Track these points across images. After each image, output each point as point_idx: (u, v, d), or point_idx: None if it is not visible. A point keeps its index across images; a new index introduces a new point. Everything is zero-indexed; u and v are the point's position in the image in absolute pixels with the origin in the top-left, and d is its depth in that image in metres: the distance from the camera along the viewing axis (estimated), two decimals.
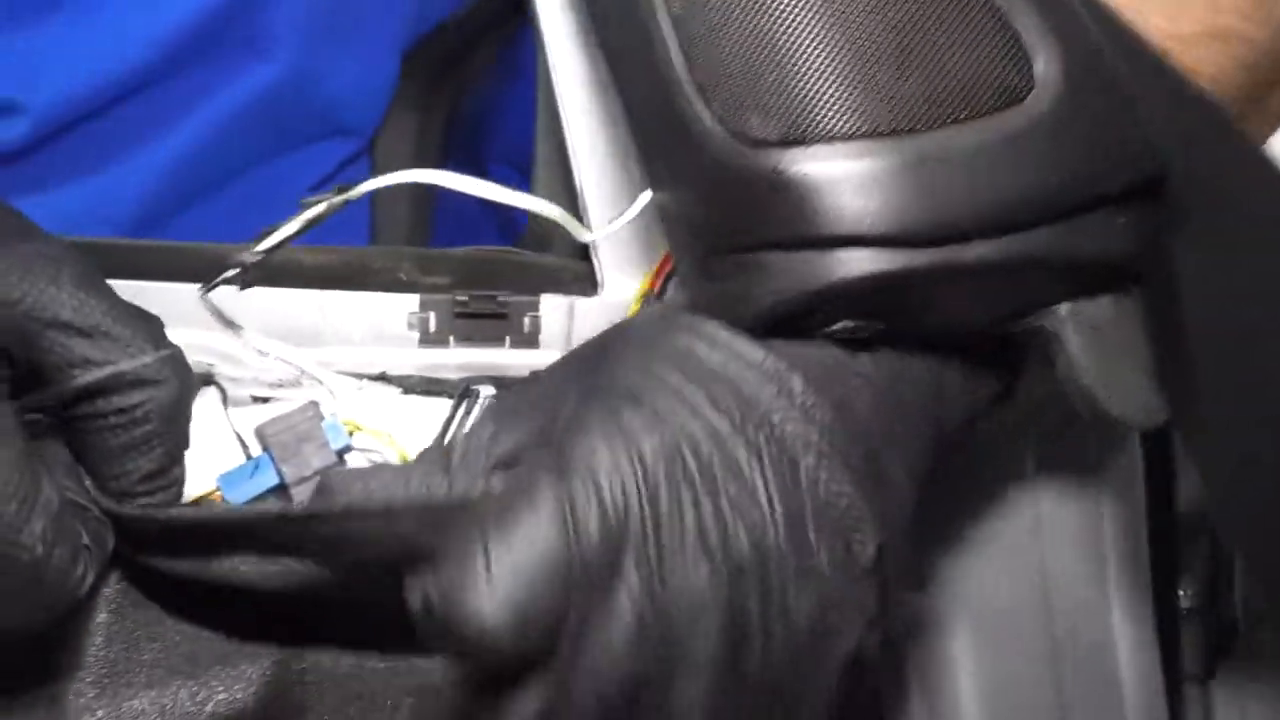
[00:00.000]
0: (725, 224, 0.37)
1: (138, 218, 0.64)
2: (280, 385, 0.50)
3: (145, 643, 0.45)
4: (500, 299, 0.52)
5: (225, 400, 0.48)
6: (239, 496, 0.46)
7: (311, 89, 0.67)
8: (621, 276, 0.53)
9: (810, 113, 0.35)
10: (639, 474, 0.36)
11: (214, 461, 0.47)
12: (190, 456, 0.44)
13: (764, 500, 0.36)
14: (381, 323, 0.52)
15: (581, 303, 0.53)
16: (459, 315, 0.52)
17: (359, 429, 0.48)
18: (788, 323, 0.38)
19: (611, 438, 0.36)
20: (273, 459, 0.46)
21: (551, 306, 0.53)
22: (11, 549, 0.36)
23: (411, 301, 0.52)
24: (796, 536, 0.36)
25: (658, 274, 0.52)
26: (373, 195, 0.46)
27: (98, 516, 0.41)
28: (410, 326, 0.52)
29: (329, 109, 0.69)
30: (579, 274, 0.54)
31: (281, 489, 0.46)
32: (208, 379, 0.48)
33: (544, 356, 0.53)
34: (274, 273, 0.50)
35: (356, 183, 0.45)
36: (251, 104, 0.65)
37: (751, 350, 0.38)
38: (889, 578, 0.38)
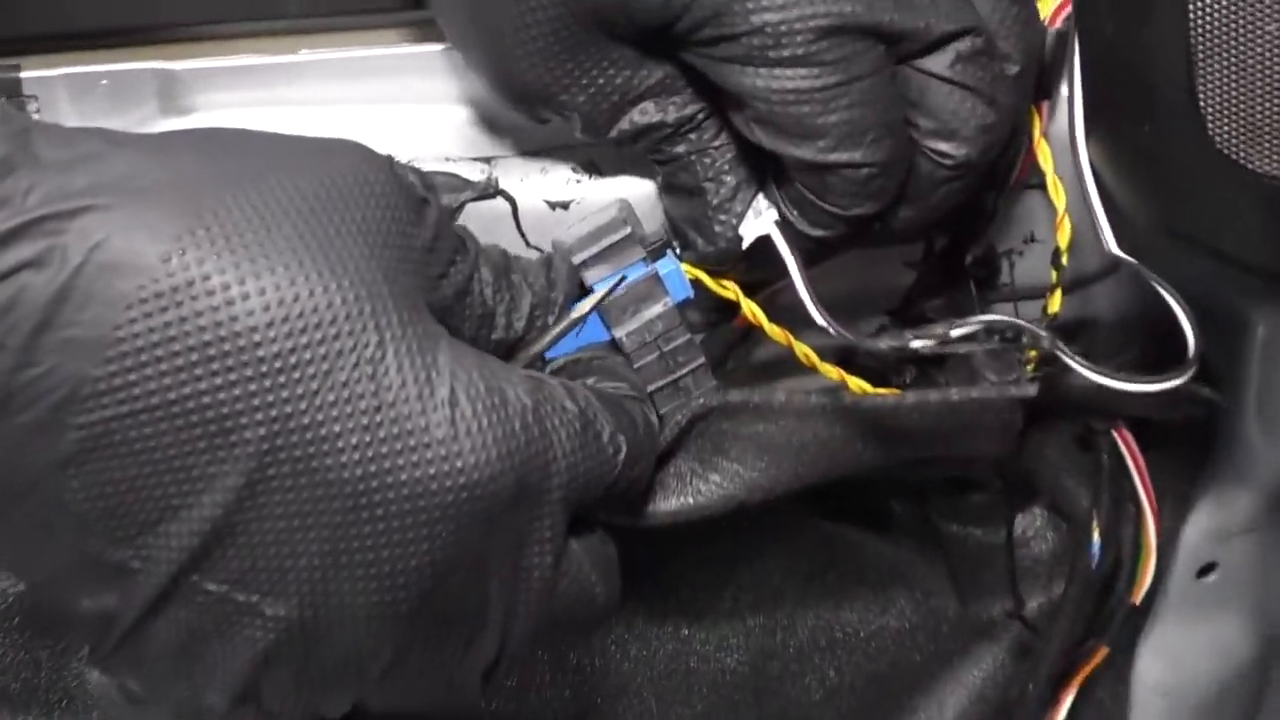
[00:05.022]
0: (1187, 214, 0.40)
1: None
2: (576, 176, 0.41)
3: None
4: None
5: (516, 211, 0.40)
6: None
7: None
8: None
9: None
10: None
11: None
12: None
13: None
14: None
15: None
16: None
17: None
18: None
19: None
20: (605, 322, 0.39)
21: None
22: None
23: None
24: None
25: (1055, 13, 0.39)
26: None
27: None
28: None
29: None
30: None
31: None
32: (488, 188, 0.40)
33: None
34: None
35: None
36: None
37: None
38: None
